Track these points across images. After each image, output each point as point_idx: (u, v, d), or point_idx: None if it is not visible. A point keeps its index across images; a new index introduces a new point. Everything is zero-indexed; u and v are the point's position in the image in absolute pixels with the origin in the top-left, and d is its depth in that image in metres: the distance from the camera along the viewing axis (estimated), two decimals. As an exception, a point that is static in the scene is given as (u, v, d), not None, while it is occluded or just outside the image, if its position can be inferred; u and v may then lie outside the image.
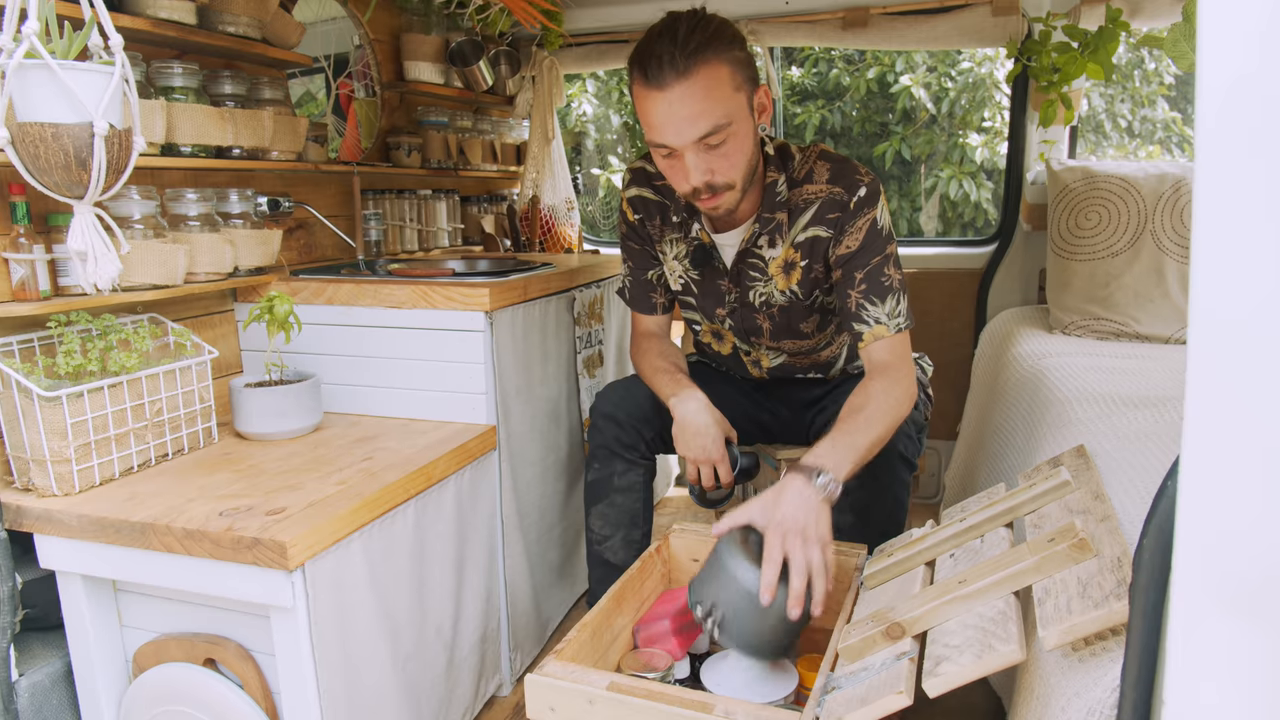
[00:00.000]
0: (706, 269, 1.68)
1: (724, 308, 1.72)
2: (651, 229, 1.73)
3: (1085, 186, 2.49)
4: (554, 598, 2.14)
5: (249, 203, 1.81)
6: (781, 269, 1.61)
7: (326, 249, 2.23)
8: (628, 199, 1.73)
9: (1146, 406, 1.64)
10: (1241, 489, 0.62)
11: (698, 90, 1.32)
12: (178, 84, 1.65)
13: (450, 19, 2.54)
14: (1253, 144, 0.59)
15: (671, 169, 1.44)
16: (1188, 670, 0.66)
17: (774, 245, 1.59)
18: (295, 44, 1.93)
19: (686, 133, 1.35)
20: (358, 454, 1.61)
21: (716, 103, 1.33)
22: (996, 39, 2.59)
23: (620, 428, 1.72)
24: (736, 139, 1.39)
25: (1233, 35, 0.59)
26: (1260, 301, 0.60)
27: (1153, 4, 2.45)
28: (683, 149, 1.37)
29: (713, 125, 1.34)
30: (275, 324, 1.66)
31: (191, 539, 1.25)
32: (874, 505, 1.59)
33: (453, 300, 1.76)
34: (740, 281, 1.66)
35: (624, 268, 1.83)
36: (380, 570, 1.43)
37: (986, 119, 5.69)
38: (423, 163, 2.54)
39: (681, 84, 1.31)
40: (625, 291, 1.84)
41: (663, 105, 1.33)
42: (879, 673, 1.05)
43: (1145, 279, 2.37)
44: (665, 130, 1.36)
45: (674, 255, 1.72)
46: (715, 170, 1.40)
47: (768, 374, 1.84)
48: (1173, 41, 0.98)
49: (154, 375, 1.52)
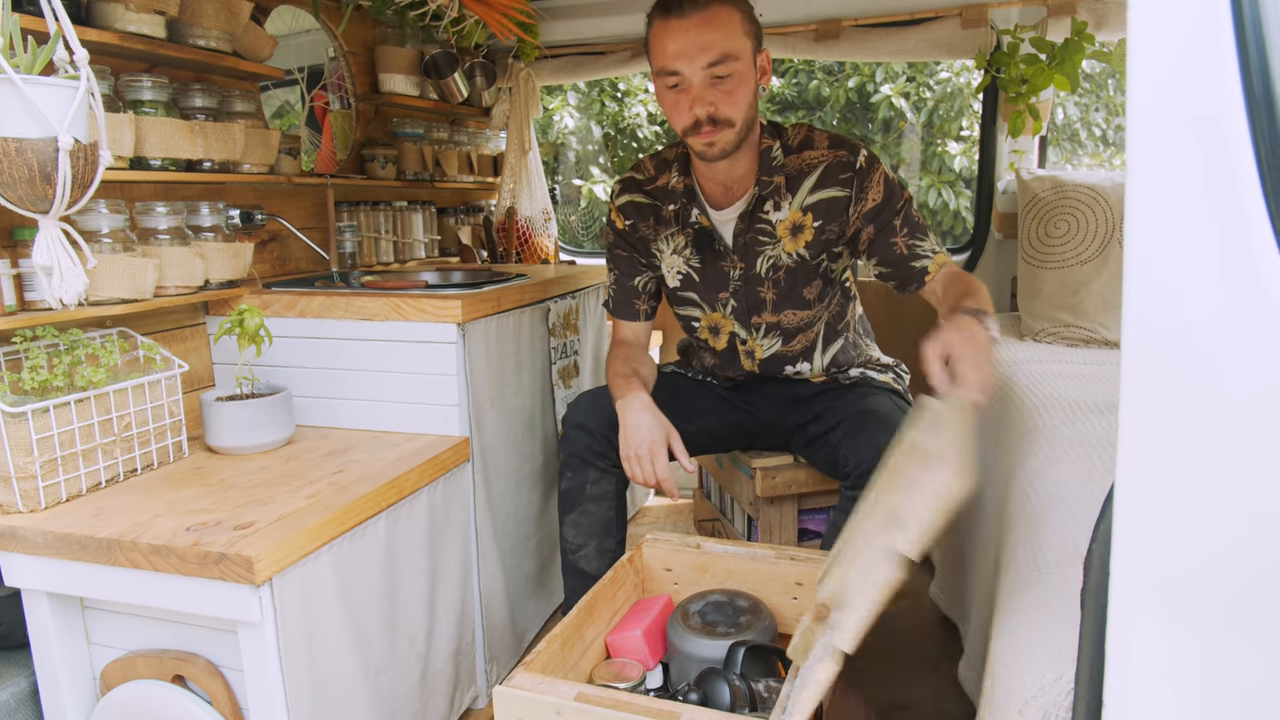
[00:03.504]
0: (708, 253, 1.75)
1: (727, 289, 1.77)
2: (645, 230, 1.78)
3: (1054, 195, 2.53)
4: (530, 608, 2.14)
5: (220, 215, 1.81)
6: (789, 231, 1.69)
7: (300, 261, 2.23)
8: (618, 207, 1.80)
9: (1111, 412, 1.66)
10: (1176, 493, 0.63)
11: (713, 21, 1.48)
12: (147, 97, 1.65)
13: (425, 31, 2.55)
14: (1181, 154, 0.60)
15: (676, 103, 1.54)
16: (1127, 674, 0.67)
17: (779, 208, 1.68)
18: (267, 57, 1.93)
19: (698, 58, 1.48)
20: (329, 467, 1.60)
21: (728, 36, 1.49)
22: (966, 51, 2.63)
23: (591, 436, 1.74)
24: (740, 78, 1.51)
25: (1161, 47, 0.60)
26: (1192, 308, 0.61)
27: (1117, 16, 2.49)
28: (691, 77, 1.50)
29: (722, 53, 1.48)
30: (246, 337, 1.65)
31: (158, 554, 1.25)
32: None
33: (424, 312, 1.76)
34: (748, 253, 1.71)
35: (609, 277, 1.87)
36: (350, 584, 1.43)
37: (964, 128, 5.75)
38: (398, 174, 2.55)
39: (699, 15, 1.47)
40: (609, 301, 1.88)
41: (679, 32, 1.48)
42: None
43: (1113, 286, 2.40)
44: (679, 57, 1.49)
45: (672, 250, 1.77)
46: (718, 103, 1.51)
47: (759, 366, 1.86)
48: (1119, 56, 1.00)
49: (122, 390, 1.51)
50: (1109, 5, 2.50)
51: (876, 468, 1.60)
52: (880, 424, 1.64)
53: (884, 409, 1.71)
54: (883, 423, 1.64)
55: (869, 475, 1.60)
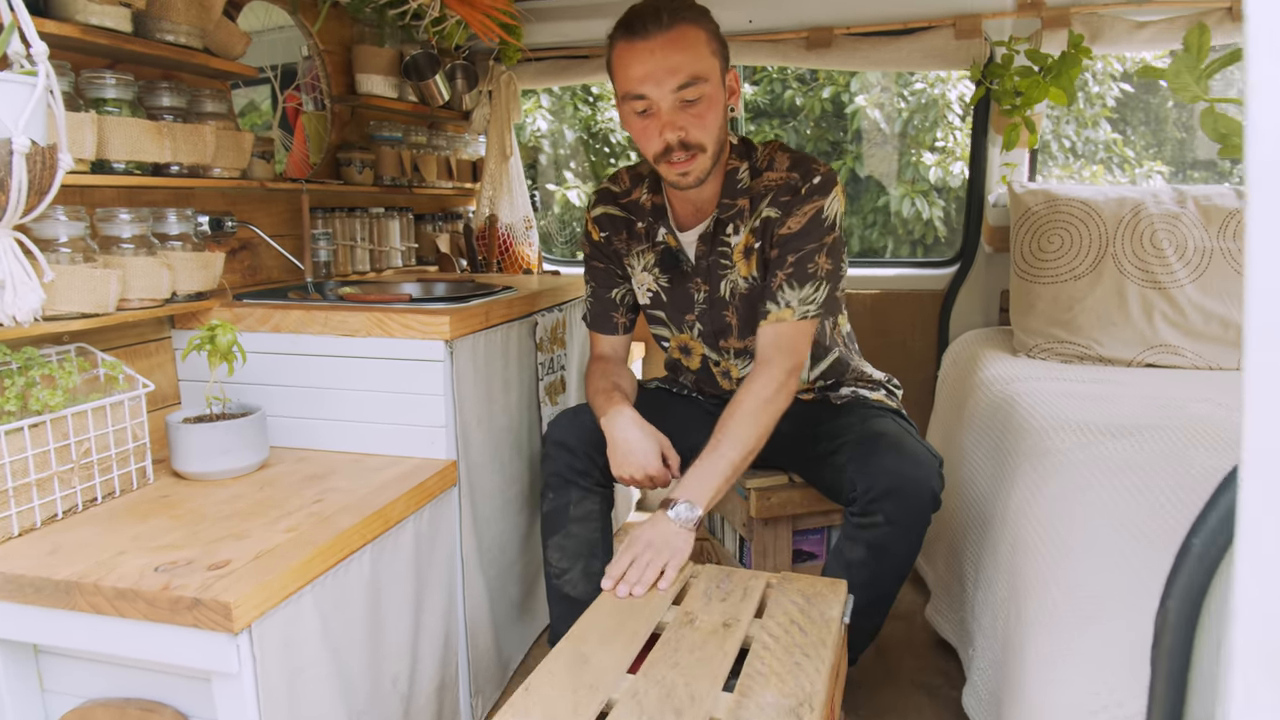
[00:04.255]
0: (675, 274, 1.70)
1: (693, 312, 1.72)
2: (619, 243, 1.73)
3: (1047, 210, 2.50)
4: (515, 636, 2.04)
5: (189, 223, 1.69)
6: (743, 254, 1.63)
7: (272, 271, 2.11)
8: (593, 218, 1.75)
9: (1124, 435, 1.61)
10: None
11: (679, 42, 1.41)
12: (110, 96, 1.53)
13: (404, 31, 2.45)
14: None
15: (645, 129, 1.48)
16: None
17: (736, 232, 1.62)
18: (240, 54, 1.82)
19: (666, 82, 1.41)
20: (308, 495, 1.49)
21: (696, 57, 1.42)
22: (960, 61, 2.59)
23: (573, 454, 1.67)
24: (709, 101, 1.45)
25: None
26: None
27: (1111, 30, 2.47)
28: (660, 101, 1.43)
29: (691, 76, 1.41)
30: (217, 355, 1.54)
31: (123, 599, 1.13)
32: (892, 545, 1.54)
33: (410, 328, 1.66)
34: (710, 276, 1.67)
35: (586, 289, 1.82)
36: (333, 624, 1.33)
37: (939, 139, 5.76)
38: (375, 179, 2.43)
39: (664, 35, 1.40)
40: (587, 315, 1.83)
41: (644, 55, 1.41)
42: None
43: (1107, 302, 2.37)
44: (645, 80, 1.42)
45: (642, 266, 1.73)
46: (688, 128, 1.45)
47: (738, 385, 1.79)
48: (1174, 73, 0.94)
49: (81, 413, 1.39)
50: (1103, 19, 2.48)
51: (887, 492, 1.55)
52: (891, 447, 1.57)
53: (892, 431, 1.65)
54: (894, 446, 1.58)
55: (879, 501, 1.55)
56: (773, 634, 1.28)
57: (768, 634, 1.28)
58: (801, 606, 1.38)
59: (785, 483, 1.99)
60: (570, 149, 6.71)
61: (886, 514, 1.51)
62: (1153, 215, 2.41)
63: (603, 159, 6.79)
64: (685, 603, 1.40)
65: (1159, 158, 6.32)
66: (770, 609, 1.37)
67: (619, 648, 1.24)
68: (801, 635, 1.28)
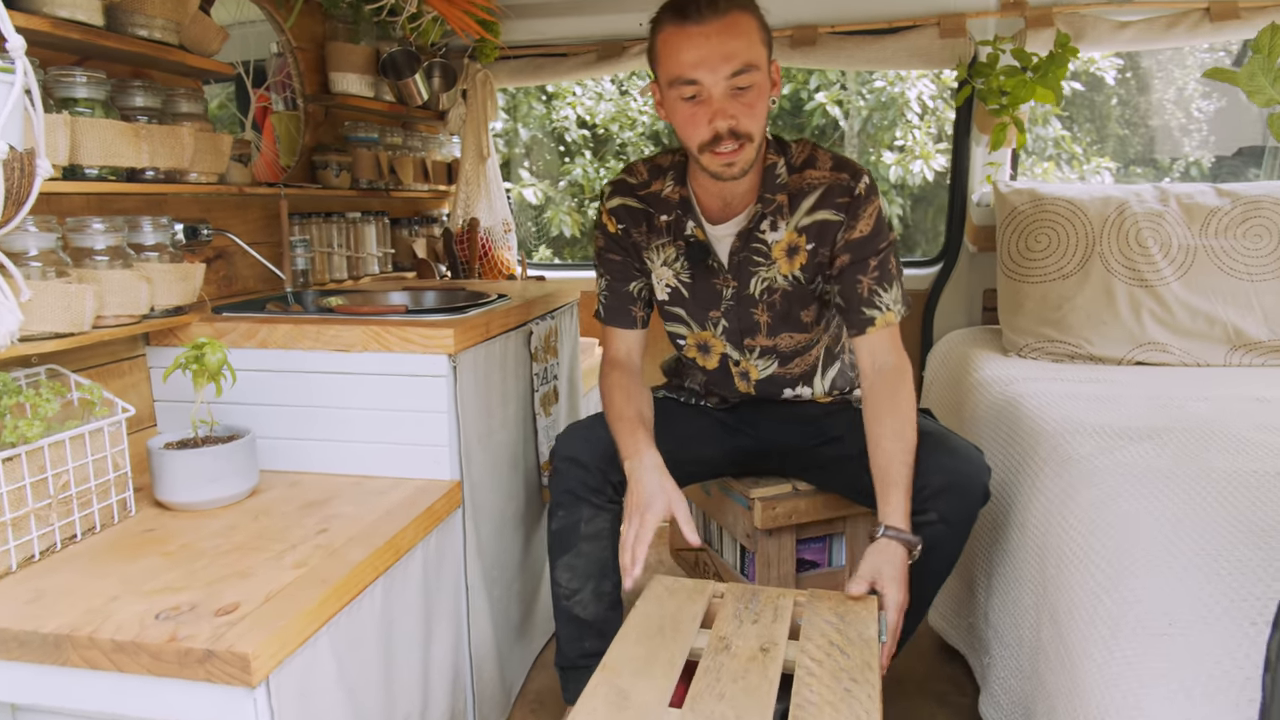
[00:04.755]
0: (700, 269, 1.64)
1: (718, 308, 1.66)
2: (638, 236, 1.67)
3: (1033, 209, 2.50)
4: (515, 660, 1.96)
5: (165, 232, 1.57)
6: (785, 253, 1.60)
7: (248, 281, 1.98)
8: (610, 210, 1.67)
9: (1144, 439, 1.60)
10: None
11: (734, 29, 1.39)
12: (81, 95, 1.40)
13: (380, 27, 2.33)
14: None
15: (693, 116, 1.43)
16: None
17: (776, 228, 1.58)
18: (216, 50, 1.70)
19: (721, 68, 1.38)
20: (310, 524, 1.39)
21: (749, 44, 1.40)
22: (945, 60, 2.57)
23: (586, 470, 1.59)
24: (759, 90, 1.43)
25: None
26: None
27: (1094, 30, 2.48)
28: (712, 88, 1.40)
29: (745, 63, 1.39)
30: (205, 375, 1.43)
31: (123, 653, 1.03)
32: (942, 543, 1.54)
33: (410, 342, 1.56)
34: (741, 272, 1.62)
35: (599, 284, 1.73)
36: (348, 667, 1.23)
37: (899, 138, 5.80)
38: (352, 183, 2.32)
39: (719, 21, 1.38)
40: (601, 309, 1.73)
41: (699, 40, 1.38)
42: None
43: (1096, 301, 2.38)
44: (700, 66, 1.39)
45: (663, 261, 1.66)
46: (739, 116, 1.42)
47: (755, 387, 1.76)
48: (1248, 75, 0.91)
49: (59, 443, 1.27)
50: (1085, 18, 2.49)
51: (941, 490, 1.52)
52: (938, 446, 1.55)
53: (934, 430, 1.62)
54: (940, 444, 1.55)
55: (932, 499, 1.52)
56: (814, 658, 1.23)
57: (809, 658, 1.23)
58: (837, 626, 1.33)
59: (790, 491, 1.95)
60: (525, 147, 6.60)
61: (940, 512, 1.49)
62: (1137, 214, 2.42)
63: (557, 157, 6.70)
64: (716, 626, 1.34)
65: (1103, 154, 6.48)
66: (806, 630, 1.32)
67: (658, 679, 1.18)
68: (844, 658, 1.23)
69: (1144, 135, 6.70)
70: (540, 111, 6.53)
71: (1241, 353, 2.26)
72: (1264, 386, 2.00)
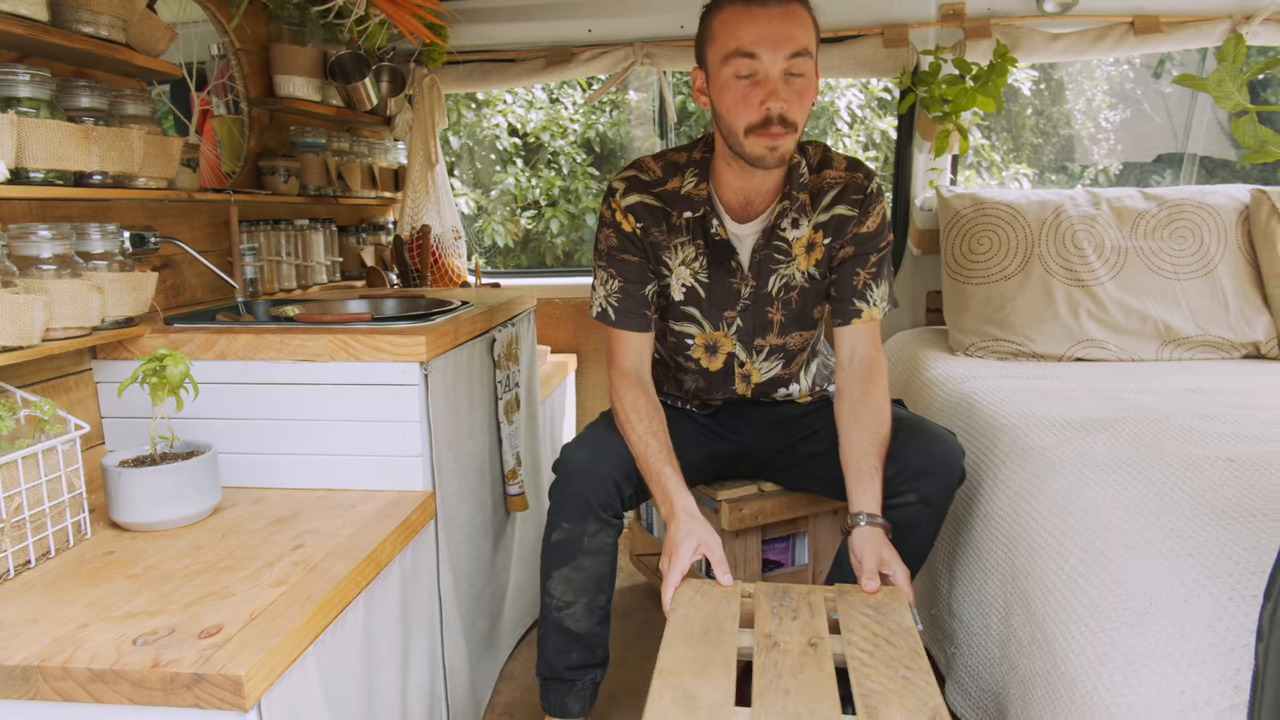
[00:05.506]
0: (718, 268, 1.63)
1: (734, 308, 1.66)
2: (658, 235, 1.61)
3: (975, 213, 2.58)
4: (484, 669, 1.92)
5: (113, 239, 1.49)
6: (805, 249, 1.63)
7: (196, 290, 1.90)
8: (625, 207, 1.59)
9: (1099, 430, 1.67)
10: None
11: (795, 17, 1.42)
12: (24, 94, 1.33)
13: (327, 29, 2.27)
14: None
15: (746, 96, 1.42)
16: None
17: (797, 225, 1.62)
18: (163, 50, 1.63)
19: (782, 48, 1.40)
20: (283, 541, 1.34)
21: (807, 34, 1.43)
22: (889, 69, 2.65)
23: (600, 481, 1.53)
24: (809, 81, 1.45)
25: None
26: None
27: (1029, 41, 2.59)
28: (770, 68, 1.40)
29: (804, 47, 1.41)
30: (166, 388, 1.36)
31: (101, 682, 0.97)
32: (922, 522, 1.58)
33: (381, 350, 1.52)
34: (761, 270, 1.64)
35: (607, 285, 1.63)
36: (332, 685, 1.19)
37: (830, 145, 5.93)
38: (300, 189, 2.25)
39: (782, 7, 1.41)
40: (609, 311, 1.63)
41: (762, 19, 1.40)
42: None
43: (1037, 301, 2.48)
44: (761, 42, 1.39)
45: (680, 260, 1.63)
46: (790, 102, 1.42)
47: (752, 390, 1.76)
48: (1216, 82, 0.96)
49: (10, 463, 1.19)
50: (1020, 30, 2.59)
51: (920, 471, 1.56)
52: (913, 430, 1.58)
53: (907, 415, 1.65)
54: (915, 428, 1.58)
55: (911, 480, 1.55)
56: (864, 649, 1.25)
57: (859, 650, 1.24)
58: (875, 619, 1.34)
59: (755, 493, 1.97)
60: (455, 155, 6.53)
61: (920, 493, 1.52)
62: (1072, 217, 2.53)
63: (488, 165, 6.63)
64: (758, 625, 1.33)
65: (1020, 161, 6.76)
66: (845, 624, 1.32)
67: (718, 679, 1.17)
68: (892, 648, 1.25)
69: (1056, 143, 7.02)
70: (471, 119, 6.46)
71: (1172, 347, 2.38)
72: (1196, 378, 2.11)
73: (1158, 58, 5.38)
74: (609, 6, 2.69)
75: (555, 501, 1.56)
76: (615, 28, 2.71)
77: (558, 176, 6.43)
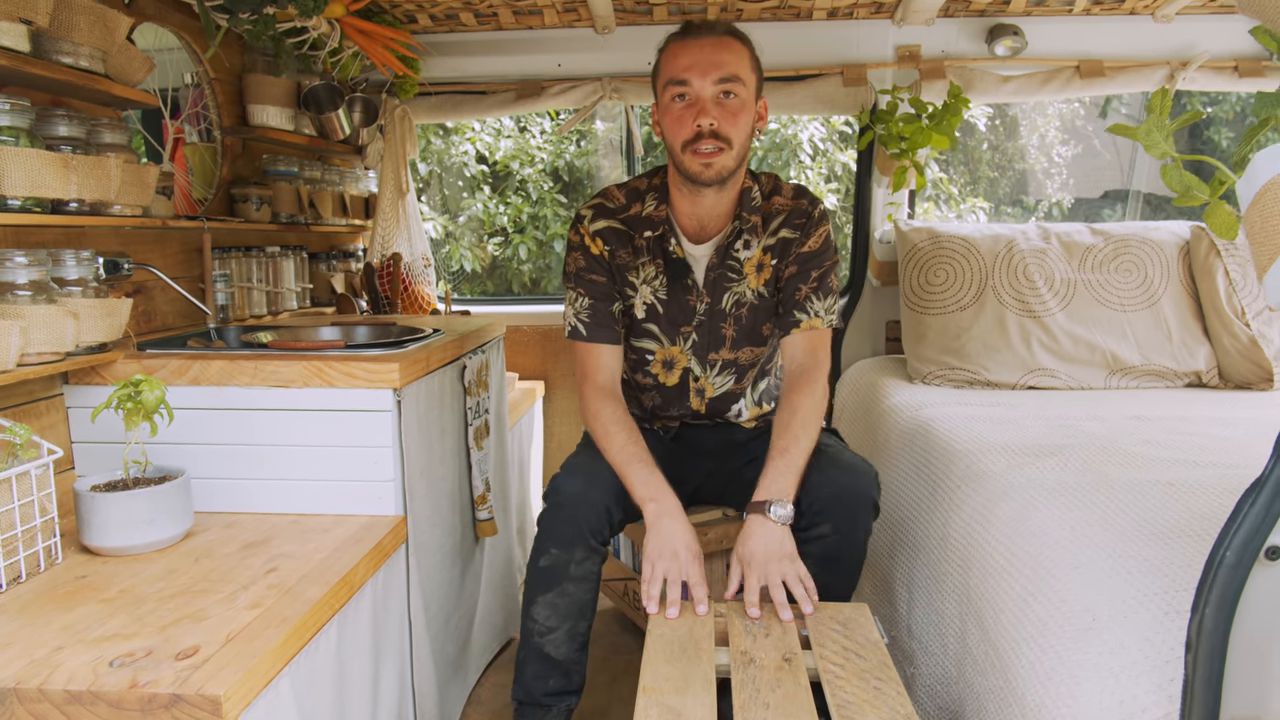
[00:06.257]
0: (676, 286, 1.73)
1: (690, 323, 1.75)
2: (624, 257, 1.74)
3: (931, 246, 2.68)
4: (453, 694, 1.93)
5: (88, 266, 1.51)
6: (755, 268, 1.73)
7: (168, 316, 1.91)
8: (594, 232, 1.72)
9: (1048, 455, 1.74)
10: None
11: (727, 47, 1.57)
12: (4, 123, 1.34)
13: (301, 60, 2.31)
14: None
15: (680, 116, 1.58)
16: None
17: (749, 246, 1.72)
18: (141, 80, 1.65)
19: (710, 73, 1.55)
20: (256, 565, 1.35)
21: (738, 62, 1.57)
22: (849, 107, 2.75)
23: (592, 509, 1.55)
24: (742, 103, 1.58)
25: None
26: None
27: (981, 83, 2.71)
28: (700, 91, 1.56)
29: (733, 73, 1.56)
30: (140, 414, 1.37)
31: (78, 704, 0.98)
32: (841, 553, 1.59)
33: (354, 377, 1.55)
34: (716, 288, 1.73)
35: (577, 304, 1.72)
36: (306, 708, 1.20)
37: (792, 177, 6.07)
38: (273, 217, 2.27)
39: (715, 39, 1.57)
40: (581, 328, 1.70)
41: (694, 49, 1.57)
42: None
43: (991, 331, 2.57)
44: (690, 69, 1.56)
45: (643, 279, 1.74)
46: (721, 120, 1.56)
47: (706, 405, 1.82)
48: (1145, 132, 1.04)
49: (-16, 488, 1.20)
50: (973, 71, 2.71)
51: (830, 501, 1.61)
52: (829, 462, 1.63)
53: (829, 445, 1.70)
54: (831, 460, 1.63)
55: (823, 512, 1.59)
56: (835, 663, 1.30)
57: (831, 664, 1.29)
58: (844, 634, 1.39)
59: (720, 517, 2.01)
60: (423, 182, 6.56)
61: (833, 523, 1.56)
62: (1024, 251, 2.64)
63: (455, 193, 6.67)
64: (733, 642, 1.37)
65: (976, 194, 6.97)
66: (816, 639, 1.38)
67: (699, 695, 1.22)
68: (862, 661, 1.30)
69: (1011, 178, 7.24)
70: (439, 146, 6.50)
71: (1119, 376, 2.48)
72: (1141, 406, 2.21)
73: (1104, 98, 5.61)
74: (578, 43, 2.77)
75: (545, 528, 1.57)
76: (584, 63, 2.79)
77: (526, 203, 6.48)
